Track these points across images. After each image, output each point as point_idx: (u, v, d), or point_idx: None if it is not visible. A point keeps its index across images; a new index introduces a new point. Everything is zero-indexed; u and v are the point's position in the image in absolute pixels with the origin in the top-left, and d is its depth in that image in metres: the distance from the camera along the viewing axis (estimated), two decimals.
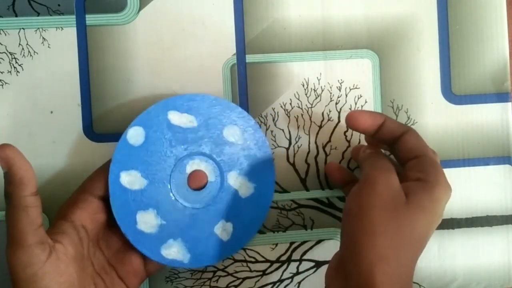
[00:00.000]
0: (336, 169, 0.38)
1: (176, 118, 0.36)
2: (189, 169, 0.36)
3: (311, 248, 0.40)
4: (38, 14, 0.38)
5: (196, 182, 0.36)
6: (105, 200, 0.34)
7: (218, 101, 0.36)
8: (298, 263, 0.40)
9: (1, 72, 0.38)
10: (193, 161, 0.36)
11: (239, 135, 0.36)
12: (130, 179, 0.35)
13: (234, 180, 0.36)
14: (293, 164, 0.40)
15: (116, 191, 0.34)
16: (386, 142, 0.35)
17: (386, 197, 0.30)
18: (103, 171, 0.35)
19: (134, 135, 0.35)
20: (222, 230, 0.36)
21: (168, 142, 0.35)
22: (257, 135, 0.37)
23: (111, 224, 0.35)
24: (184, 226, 0.35)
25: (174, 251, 0.35)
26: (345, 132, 0.40)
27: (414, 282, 0.41)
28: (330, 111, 0.40)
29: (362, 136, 0.40)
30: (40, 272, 0.28)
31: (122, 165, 0.35)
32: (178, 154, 0.35)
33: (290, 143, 0.40)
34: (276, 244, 0.40)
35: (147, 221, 0.35)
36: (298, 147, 0.40)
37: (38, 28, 0.38)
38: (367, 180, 0.31)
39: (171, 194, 0.35)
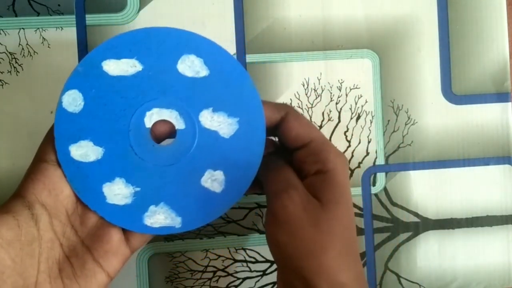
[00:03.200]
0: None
1: (114, 67, 0.30)
2: (148, 122, 0.30)
3: None
4: (38, 14, 0.38)
5: (161, 135, 0.30)
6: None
7: (162, 31, 0.30)
8: None
9: (1, 72, 0.38)
10: (151, 112, 0.30)
11: (199, 65, 0.30)
12: (82, 152, 0.30)
13: (210, 120, 0.30)
14: None
15: (71, 168, 0.30)
16: (269, 134, 0.32)
17: (300, 217, 0.28)
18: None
19: (71, 101, 0.30)
20: (211, 181, 0.30)
21: (114, 98, 0.30)
22: (222, 58, 0.31)
23: None
24: (164, 187, 0.30)
25: (160, 218, 0.30)
26: (345, 132, 0.40)
27: (414, 282, 0.41)
28: (330, 111, 0.40)
29: (363, 137, 0.40)
30: None
31: (67, 138, 0.30)
32: (131, 109, 0.30)
33: None
34: None
35: (117, 192, 0.30)
36: None
37: (38, 28, 0.38)
38: (272, 214, 0.28)
39: (136, 156, 0.30)
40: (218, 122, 0.30)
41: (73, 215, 0.30)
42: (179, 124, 0.30)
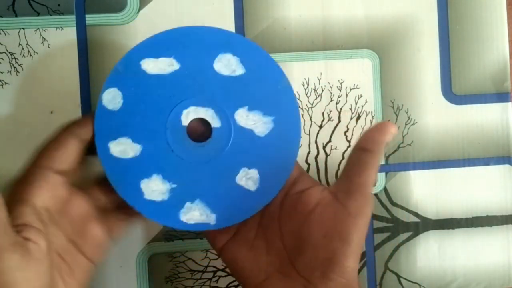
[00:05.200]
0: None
1: (152, 65, 0.31)
2: (185, 120, 0.31)
3: None
4: (38, 14, 0.38)
5: (198, 133, 0.31)
6: (64, 173, 0.30)
7: (200, 30, 0.31)
8: None
9: (1, 72, 0.38)
10: (188, 110, 0.31)
11: (235, 63, 0.31)
12: (121, 148, 0.31)
13: (245, 118, 0.31)
14: None
15: (110, 164, 0.30)
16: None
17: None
18: (57, 141, 0.30)
19: (110, 98, 0.31)
20: (246, 179, 0.31)
21: (152, 96, 0.31)
22: (259, 57, 0.31)
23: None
24: (200, 184, 0.31)
25: (195, 214, 0.31)
26: (345, 132, 0.40)
27: (414, 282, 0.41)
28: (330, 111, 0.40)
29: None
30: (14, 279, 0.24)
31: (107, 135, 0.31)
32: (168, 107, 0.31)
33: None
34: None
35: (154, 189, 0.31)
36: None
37: (38, 28, 0.38)
38: (362, 214, 0.29)
39: (173, 154, 0.31)
40: (253, 121, 0.31)
41: (57, 214, 0.29)
42: (215, 122, 0.31)
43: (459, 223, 0.41)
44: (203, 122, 0.31)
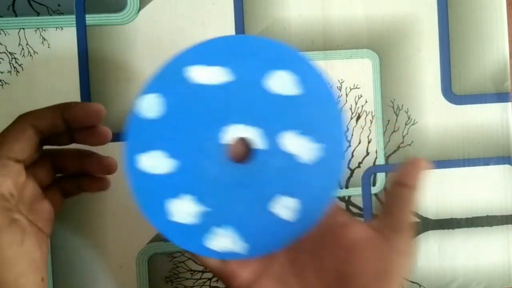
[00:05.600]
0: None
1: (201, 74, 0.28)
2: (227, 138, 0.28)
3: None
4: (38, 14, 0.38)
5: (239, 153, 0.29)
6: (22, 162, 0.29)
7: (256, 42, 0.28)
8: None
9: (1, 72, 0.38)
10: (232, 127, 0.28)
11: (290, 83, 0.28)
12: (152, 162, 0.28)
13: (291, 142, 0.28)
14: None
15: (137, 179, 0.28)
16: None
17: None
18: (19, 131, 0.29)
19: (149, 105, 0.28)
20: (282, 207, 0.28)
21: (195, 108, 0.28)
22: (315, 79, 0.28)
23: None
24: (234, 209, 0.28)
25: (225, 242, 0.28)
26: (345, 132, 0.40)
27: (414, 282, 0.41)
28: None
29: (363, 137, 0.40)
30: (15, 253, 0.27)
31: (139, 146, 0.28)
32: (211, 122, 0.28)
33: None
34: None
35: (183, 210, 0.28)
36: None
37: (38, 28, 0.38)
38: (405, 253, 0.28)
39: (209, 173, 0.28)
40: (299, 146, 0.28)
41: (19, 198, 0.30)
42: (259, 143, 0.28)
43: (459, 223, 0.41)
44: (244, 142, 0.29)
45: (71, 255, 0.38)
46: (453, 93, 0.41)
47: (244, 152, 0.29)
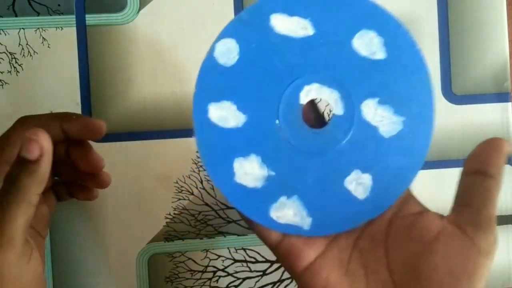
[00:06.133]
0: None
1: (283, 23, 0.25)
2: (304, 98, 0.26)
3: None
4: (38, 14, 0.38)
5: (315, 116, 0.27)
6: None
7: None
8: None
9: (1, 72, 0.38)
10: (310, 87, 0.26)
11: (377, 45, 0.25)
12: (222, 114, 0.25)
13: (372, 112, 0.25)
14: None
15: (204, 130, 0.25)
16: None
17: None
18: (19, 136, 0.30)
19: (225, 51, 0.25)
20: (356, 184, 0.26)
21: (273, 60, 0.25)
22: (405, 44, 0.26)
23: None
24: (302, 178, 0.26)
25: (289, 214, 0.26)
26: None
27: None
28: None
29: None
30: (19, 271, 0.26)
31: (210, 94, 0.25)
32: (288, 77, 0.26)
33: None
34: None
35: (249, 172, 0.26)
36: None
37: (38, 28, 0.38)
38: (487, 254, 0.25)
39: (281, 134, 0.26)
40: (381, 117, 0.25)
41: None
42: (337, 108, 0.26)
43: None
44: (315, 106, 0.26)
45: (71, 255, 0.38)
46: (453, 93, 0.41)
47: (317, 116, 0.27)
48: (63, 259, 0.38)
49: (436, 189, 0.41)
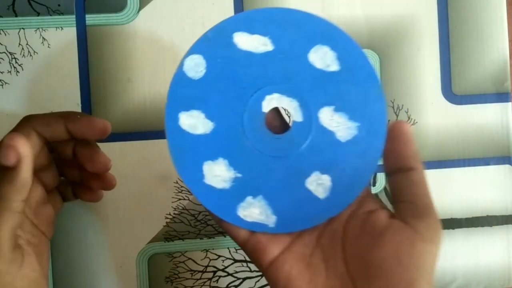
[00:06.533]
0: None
1: (245, 41, 0.28)
2: (266, 107, 0.28)
3: None
4: (38, 14, 0.38)
5: (277, 123, 0.29)
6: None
7: (300, 15, 0.28)
8: None
9: (1, 72, 0.38)
10: (271, 97, 0.28)
11: (331, 59, 0.28)
12: (191, 122, 0.28)
13: (329, 118, 0.28)
14: None
15: (175, 137, 0.28)
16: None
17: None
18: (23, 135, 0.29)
19: (193, 66, 0.28)
20: (316, 184, 0.28)
21: (237, 73, 0.28)
22: (356, 56, 0.28)
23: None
24: (266, 180, 0.28)
25: (255, 212, 0.28)
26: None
27: None
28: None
29: None
30: (13, 277, 0.27)
31: (180, 104, 0.28)
32: (251, 88, 0.28)
33: None
34: None
35: (217, 174, 0.28)
36: None
37: (38, 28, 0.38)
38: (434, 239, 0.26)
39: (245, 140, 0.28)
40: (337, 123, 0.28)
41: (25, 205, 0.29)
42: (296, 116, 0.28)
43: (459, 223, 0.41)
44: (279, 114, 0.29)
45: (71, 255, 0.38)
46: (453, 93, 0.41)
47: (281, 123, 0.29)
48: (63, 259, 0.38)
49: (436, 189, 0.41)
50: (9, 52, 0.38)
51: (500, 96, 0.41)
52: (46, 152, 0.31)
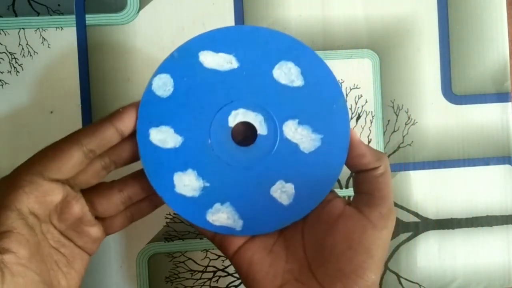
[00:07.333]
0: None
1: (210, 59, 0.30)
2: (232, 121, 0.30)
3: None
4: (38, 14, 0.38)
5: (242, 137, 0.31)
6: (58, 181, 0.29)
7: (266, 33, 0.30)
8: None
9: (1, 72, 0.38)
10: (237, 111, 0.30)
11: (295, 74, 0.30)
12: (161, 137, 0.30)
13: (293, 131, 0.30)
14: None
15: (147, 151, 0.30)
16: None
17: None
18: (58, 149, 0.29)
19: (161, 84, 0.30)
20: (281, 192, 0.30)
21: (203, 90, 0.30)
22: (320, 71, 0.30)
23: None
24: (233, 188, 0.30)
25: (223, 217, 0.30)
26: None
27: (414, 282, 0.41)
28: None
29: (363, 137, 0.40)
30: None
31: (150, 121, 0.29)
32: (217, 104, 0.30)
33: None
34: None
35: (187, 184, 0.30)
36: None
37: (38, 28, 0.38)
38: (388, 225, 0.29)
39: (213, 152, 0.30)
40: (301, 135, 0.30)
41: (52, 214, 0.30)
42: (262, 129, 0.30)
43: (459, 223, 0.41)
44: (249, 127, 0.30)
45: None
46: (453, 93, 0.41)
47: (247, 136, 0.30)
48: None
49: (436, 189, 0.41)
50: (9, 52, 0.38)
51: (500, 96, 0.41)
52: (95, 169, 0.30)
